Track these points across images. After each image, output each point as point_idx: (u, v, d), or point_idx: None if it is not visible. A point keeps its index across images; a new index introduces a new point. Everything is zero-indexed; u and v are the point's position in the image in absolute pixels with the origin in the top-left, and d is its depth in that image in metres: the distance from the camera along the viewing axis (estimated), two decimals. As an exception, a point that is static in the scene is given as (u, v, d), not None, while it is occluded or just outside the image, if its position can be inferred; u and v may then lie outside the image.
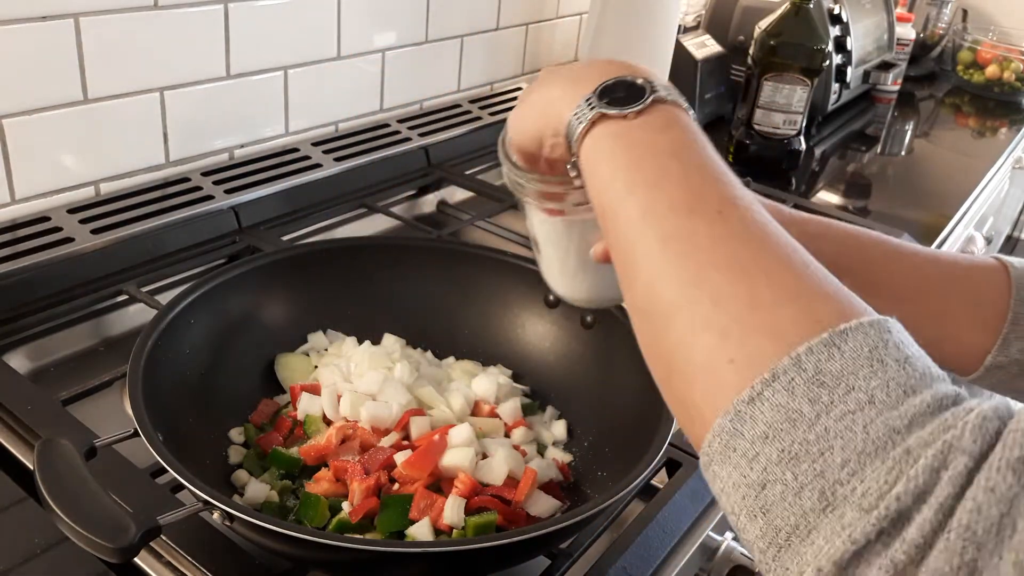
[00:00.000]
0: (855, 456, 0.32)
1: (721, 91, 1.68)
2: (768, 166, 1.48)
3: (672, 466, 0.73)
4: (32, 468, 0.52)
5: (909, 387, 0.34)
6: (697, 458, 0.43)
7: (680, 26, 1.57)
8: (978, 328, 0.61)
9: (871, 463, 0.32)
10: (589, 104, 0.47)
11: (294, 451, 0.69)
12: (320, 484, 0.66)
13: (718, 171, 0.44)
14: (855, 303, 0.37)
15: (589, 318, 0.80)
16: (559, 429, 0.76)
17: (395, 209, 1.18)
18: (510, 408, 0.75)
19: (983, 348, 0.60)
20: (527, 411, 0.77)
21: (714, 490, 0.37)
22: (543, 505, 0.66)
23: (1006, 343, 0.59)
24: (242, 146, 1.13)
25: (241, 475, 0.68)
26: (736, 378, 0.36)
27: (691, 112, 0.48)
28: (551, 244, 0.62)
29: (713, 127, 1.67)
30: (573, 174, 0.50)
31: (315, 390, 0.74)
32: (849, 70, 1.68)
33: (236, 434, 0.72)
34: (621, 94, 0.47)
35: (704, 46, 1.65)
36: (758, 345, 0.36)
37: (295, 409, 0.73)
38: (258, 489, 0.66)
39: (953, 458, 0.31)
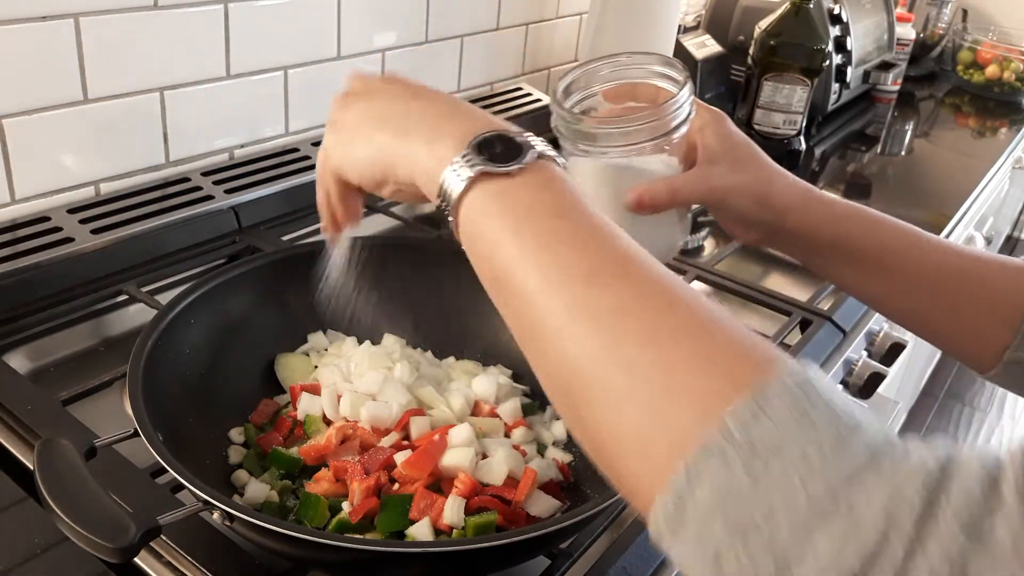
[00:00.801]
0: (801, 522, 0.31)
1: (721, 91, 1.69)
2: (768, 166, 1.48)
3: (672, 466, 0.73)
4: (32, 468, 0.52)
5: (840, 440, 0.33)
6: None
7: (680, 26, 1.57)
8: (996, 323, 0.60)
9: (819, 527, 0.31)
10: (467, 160, 0.44)
11: (294, 451, 0.69)
12: (320, 484, 0.66)
13: (607, 229, 0.42)
14: (768, 352, 0.37)
15: None
16: (559, 429, 0.76)
17: (395, 209, 1.18)
18: (510, 408, 0.75)
19: (1001, 343, 0.60)
20: (527, 411, 0.77)
21: (672, 561, 0.36)
22: (543, 505, 0.66)
23: None
24: (242, 146, 1.13)
25: (241, 475, 0.68)
26: (667, 453, 0.35)
27: (565, 167, 0.46)
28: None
29: (713, 127, 1.67)
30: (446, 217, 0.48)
31: (315, 390, 0.74)
32: (849, 70, 1.68)
33: (236, 434, 0.72)
34: (498, 149, 0.45)
35: (704, 46, 1.65)
36: (683, 415, 0.35)
37: (295, 409, 0.73)
38: (258, 489, 0.66)
39: (899, 513, 0.30)
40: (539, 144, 0.45)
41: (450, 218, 0.46)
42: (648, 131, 0.60)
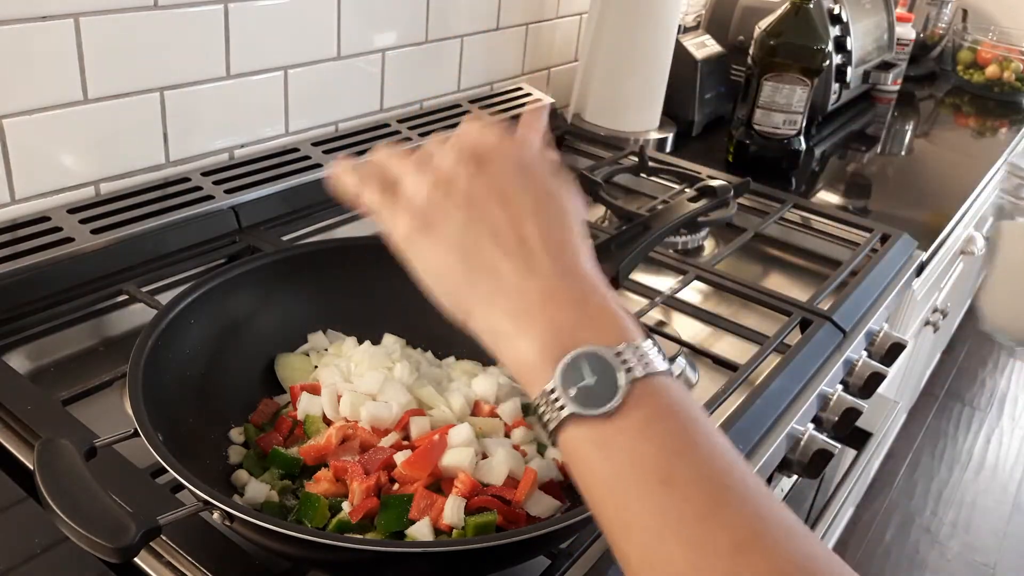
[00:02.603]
0: None
1: (721, 91, 1.68)
2: (768, 166, 1.48)
3: (672, 466, 0.73)
4: (32, 468, 0.52)
5: None
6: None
7: (680, 26, 1.57)
8: None
9: None
10: (555, 400, 0.40)
11: (294, 451, 0.69)
12: (320, 484, 0.66)
13: (720, 484, 0.38)
14: None
15: None
16: (559, 429, 0.76)
17: (395, 209, 1.18)
18: (510, 408, 0.75)
19: None
20: (527, 411, 0.77)
21: None
22: (543, 505, 0.66)
23: None
24: (242, 146, 1.13)
25: (241, 475, 0.68)
26: None
27: (672, 374, 0.42)
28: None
29: (713, 127, 1.67)
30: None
31: (315, 390, 0.74)
32: (849, 70, 1.68)
33: (236, 434, 0.72)
34: (591, 380, 0.40)
35: (704, 46, 1.65)
36: None
37: (295, 409, 0.73)
38: (258, 489, 0.66)
39: None
40: (635, 360, 0.40)
41: (545, 430, 0.42)
42: None
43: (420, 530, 0.62)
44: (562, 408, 0.40)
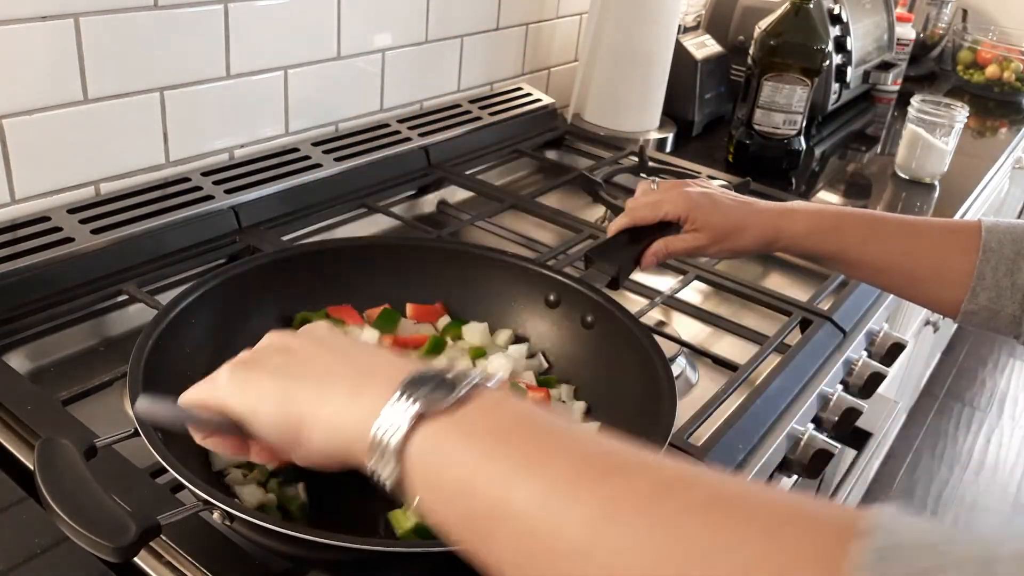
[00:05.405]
0: None
1: (721, 91, 1.68)
2: (768, 166, 1.48)
3: (672, 466, 0.73)
4: (32, 468, 0.52)
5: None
6: (694, 455, 0.43)
7: (680, 26, 1.57)
8: (946, 286, 0.74)
9: None
10: (407, 398, 0.41)
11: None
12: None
13: (582, 431, 0.41)
14: (838, 516, 0.31)
15: (589, 318, 0.80)
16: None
17: (395, 209, 1.18)
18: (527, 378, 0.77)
19: (957, 299, 0.73)
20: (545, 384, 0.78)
21: None
22: None
23: (974, 294, 0.72)
24: (242, 146, 1.13)
25: (232, 470, 0.68)
26: None
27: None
28: None
29: (713, 127, 1.67)
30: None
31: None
32: (849, 70, 1.68)
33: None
34: (434, 385, 0.42)
35: (704, 46, 1.65)
36: None
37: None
38: (247, 486, 0.65)
39: None
40: (473, 374, 0.43)
41: (385, 474, 0.42)
42: None
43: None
44: (415, 401, 0.41)
